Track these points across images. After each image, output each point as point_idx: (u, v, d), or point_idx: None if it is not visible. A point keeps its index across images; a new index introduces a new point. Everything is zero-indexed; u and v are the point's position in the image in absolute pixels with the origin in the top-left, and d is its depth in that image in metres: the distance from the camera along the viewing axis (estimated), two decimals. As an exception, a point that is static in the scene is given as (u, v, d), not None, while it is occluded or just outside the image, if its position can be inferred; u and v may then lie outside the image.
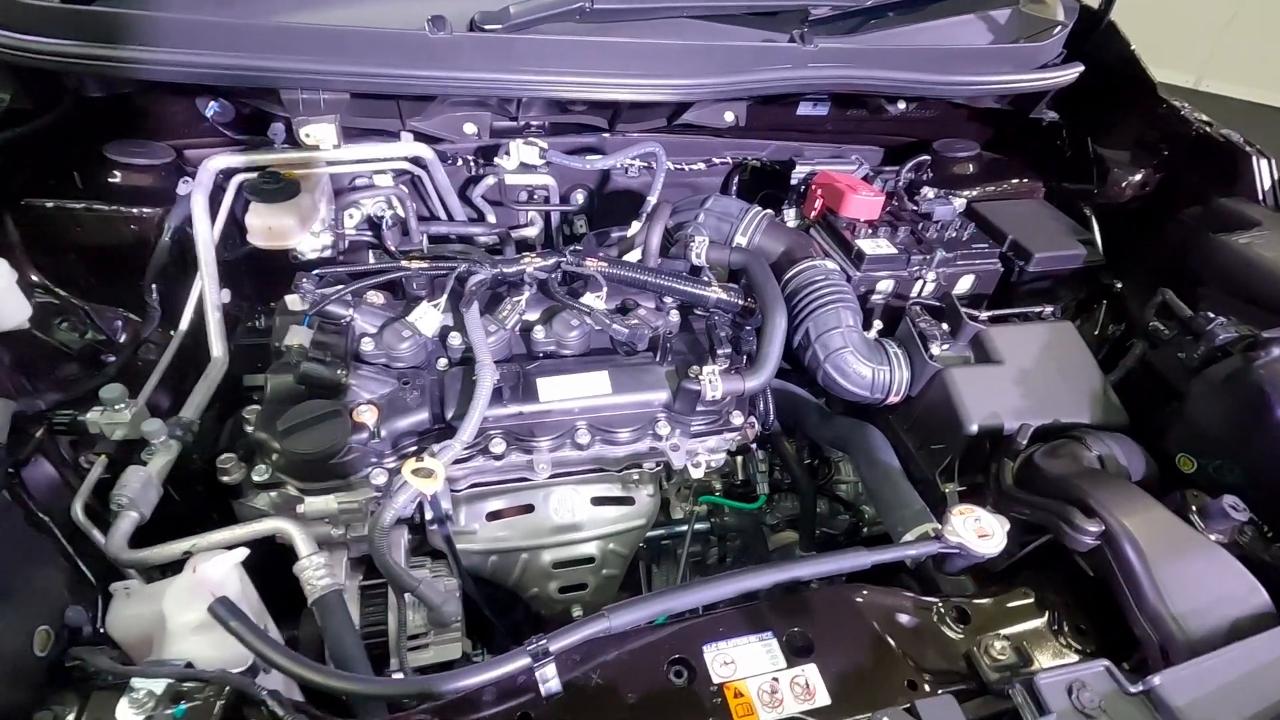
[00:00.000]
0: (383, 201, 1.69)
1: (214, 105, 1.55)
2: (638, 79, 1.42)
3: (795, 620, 0.93)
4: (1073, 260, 1.74)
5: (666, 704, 0.83)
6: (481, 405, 1.14)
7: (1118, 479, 1.12)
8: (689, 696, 0.84)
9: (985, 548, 1.00)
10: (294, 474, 1.13)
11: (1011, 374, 1.36)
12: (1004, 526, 1.03)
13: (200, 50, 1.21)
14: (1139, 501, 1.05)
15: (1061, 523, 1.03)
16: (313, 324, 1.25)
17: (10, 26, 1.24)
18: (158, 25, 1.21)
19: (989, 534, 1.01)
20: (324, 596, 0.98)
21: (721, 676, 0.87)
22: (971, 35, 1.90)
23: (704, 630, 0.90)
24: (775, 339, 1.30)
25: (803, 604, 0.96)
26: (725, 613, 0.94)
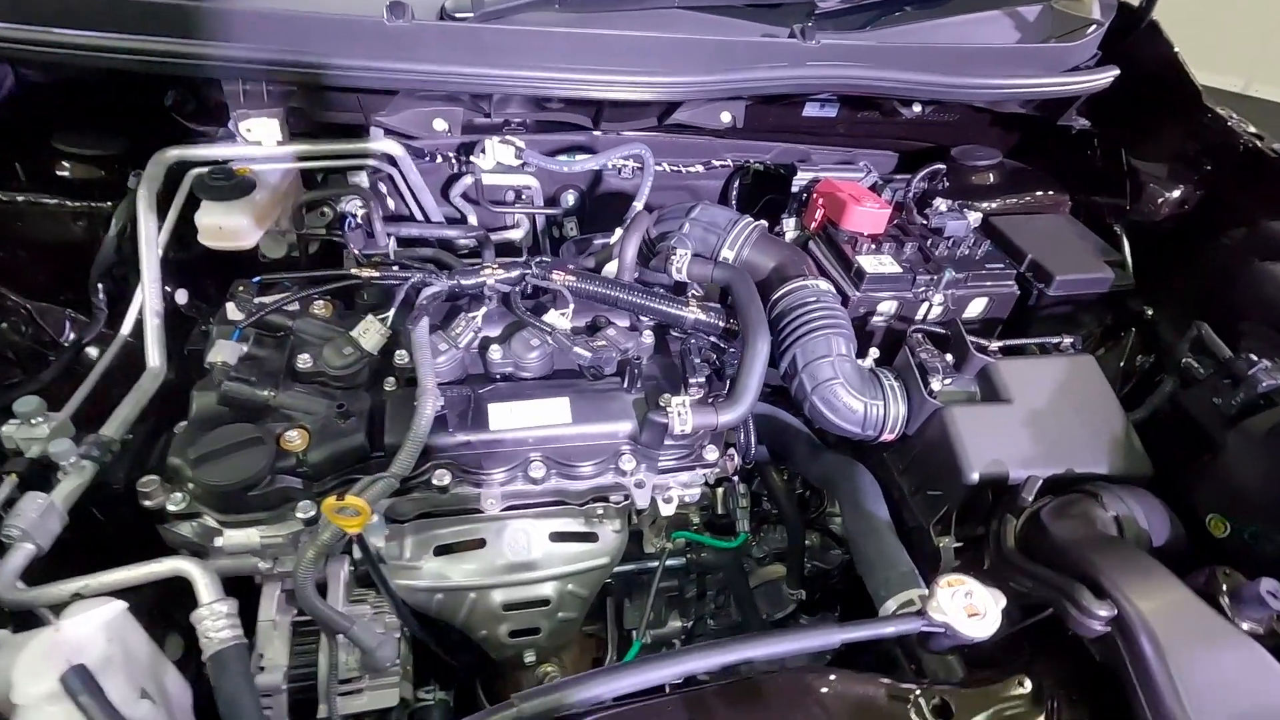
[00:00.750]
0: (356, 200, 1.59)
1: (172, 93, 1.45)
2: (617, 75, 1.29)
3: (745, 711, 0.80)
4: (1099, 284, 1.58)
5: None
6: (418, 436, 1.03)
7: (1135, 551, 0.97)
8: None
9: (975, 630, 0.86)
10: (211, 505, 1.03)
11: (1021, 415, 1.22)
12: (999, 603, 0.89)
13: (128, 34, 1.11)
14: (1159, 581, 0.90)
15: (1067, 602, 0.89)
16: (245, 336, 1.15)
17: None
18: (84, 6, 1.11)
19: (980, 613, 0.87)
20: (220, 652, 0.88)
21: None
22: (996, 33, 1.74)
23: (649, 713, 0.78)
24: (754, 369, 1.17)
25: (755, 690, 0.83)
26: (660, 701, 0.82)
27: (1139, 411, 1.39)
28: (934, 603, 0.88)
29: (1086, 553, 0.94)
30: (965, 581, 0.90)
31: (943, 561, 1.14)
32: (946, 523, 1.18)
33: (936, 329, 1.37)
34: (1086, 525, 1.02)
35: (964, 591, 0.89)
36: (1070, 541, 0.98)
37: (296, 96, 1.27)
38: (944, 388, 1.23)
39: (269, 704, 1.14)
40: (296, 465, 1.05)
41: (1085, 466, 1.18)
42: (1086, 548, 0.95)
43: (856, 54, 1.44)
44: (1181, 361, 1.37)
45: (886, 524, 1.14)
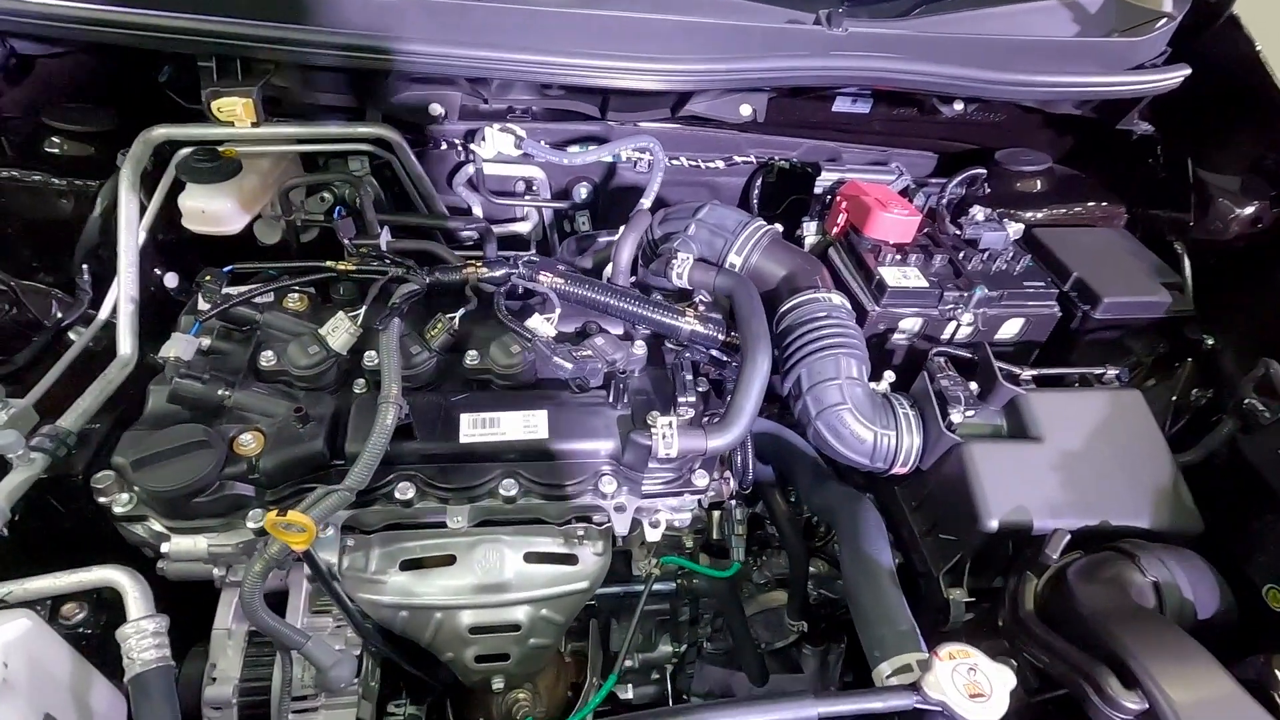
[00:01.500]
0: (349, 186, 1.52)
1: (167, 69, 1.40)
2: (620, 61, 1.19)
3: None
4: (1152, 308, 1.42)
5: None
6: (375, 448, 0.95)
7: (1173, 630, 0.84)
8: None
9: (976, 714, 0.74)
10: (156, 509, 0.97)
11: (1051, 456, 1.08)
12: (1007, 684, 0.77)
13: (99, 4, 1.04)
14: (1200, 669, 0.77)
15: (1088, 686, 0.76)
16: (209, 330, 1.08)
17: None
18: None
19: (985, 694, 0.76)
20: (141, 674, 0.81)
21: None
22: (1053, 24, 1.58)
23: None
24: (751, 391, 1.06)
25: None
26: None
27: (1191, 454, 1.24)
28: (931, 677, 0.77)
29: (1115, 627, 0.81)
30: (970, 654, 0.79)
31: (951, 617, 1.02)
32: (959, 572, 1.06)
33: (962, 353, 1.24)
34: (1118, 592, 0.89)
35: (967, 666, 0.77)
36: (1098, 612, 0.85)
37: (279, 75, 1.19)
38: (965, 420, 1.10)
39: (218, 718, 1.08)
40: (248, 471, 0.98)
41: (1123, 519, 1.04)
42: (1116, 621, 0.82)
43: (889, 44, 1.30)
44: (1244, 402, 1.21)
45: (888, 571, 1.02)
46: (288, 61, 1.13)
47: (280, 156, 1.45)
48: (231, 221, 1.33)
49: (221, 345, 1.09)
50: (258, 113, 1.14)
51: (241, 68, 1.14)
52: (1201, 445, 1.26)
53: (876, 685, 0.85)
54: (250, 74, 1.14)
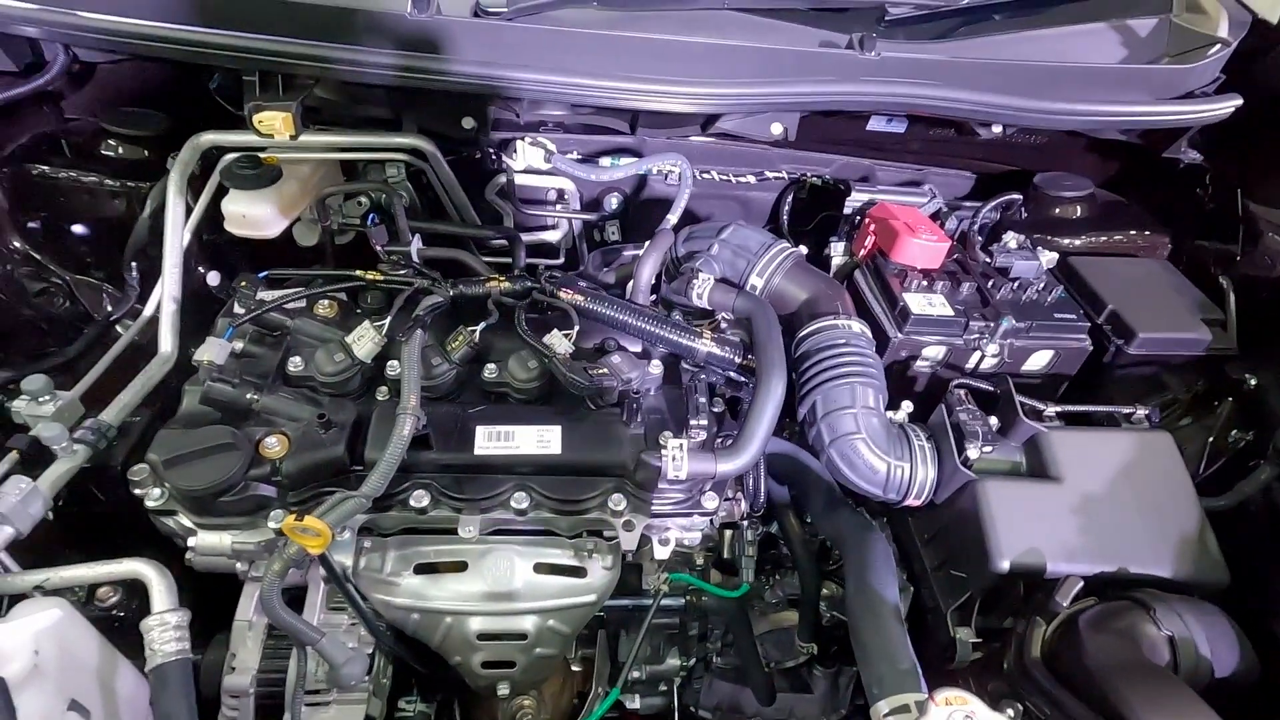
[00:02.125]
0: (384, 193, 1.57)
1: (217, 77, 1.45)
2: (648, 84, 1.20)
3: None
4: (1191, 345, 1.38)
5: None
6: (392, 457, 0.98)
7: (1185, 693, 0.81)
8: None
9: (970, 763, 0.74)
10: (184, 505, 1.02)
11: (1071, 498, 1.06)
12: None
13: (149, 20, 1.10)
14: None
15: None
16: (242, 334, 1.13)
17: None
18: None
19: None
20: (162, 666, 0.85)
21: None
22: (1100, 50, 1.54)
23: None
24: (764, 416, 1.06)
25: None
26: None
27: (1225, 498, 1.20)
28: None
29: (1122, 685, 0.79)
30: (968, 701, 0.78)
31: (957, 655, 1.01)
32: (967, 611, 1.04)
33: (983, 385, 1.22)
34: (1129, 646, 0.87)
35: (964, 714, 0.77)
36: (1105, 666, 0.83)
37: (320, 88, 1.23)
38: (982, 456, 1.08)
39: (236, 705, 1.13)
40: (271, 473, 1.02)
41: (1143, 567, 1.01)
42: (1123, 678, 0.80)
43: (924, 69, 1.29)
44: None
45: (893, 606, 1.01)
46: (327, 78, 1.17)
47: (320, 163, 1.49)
48: (270, 226, 1.38)
49: (253, 349, 1.14)
50: (296, 126, 1.18)
51: (283, 84, 1.18)
52: (1236, 490, 1.22)
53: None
54: (291, 89, 1.19)
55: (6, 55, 1.28)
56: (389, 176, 1.57)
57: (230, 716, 1.13)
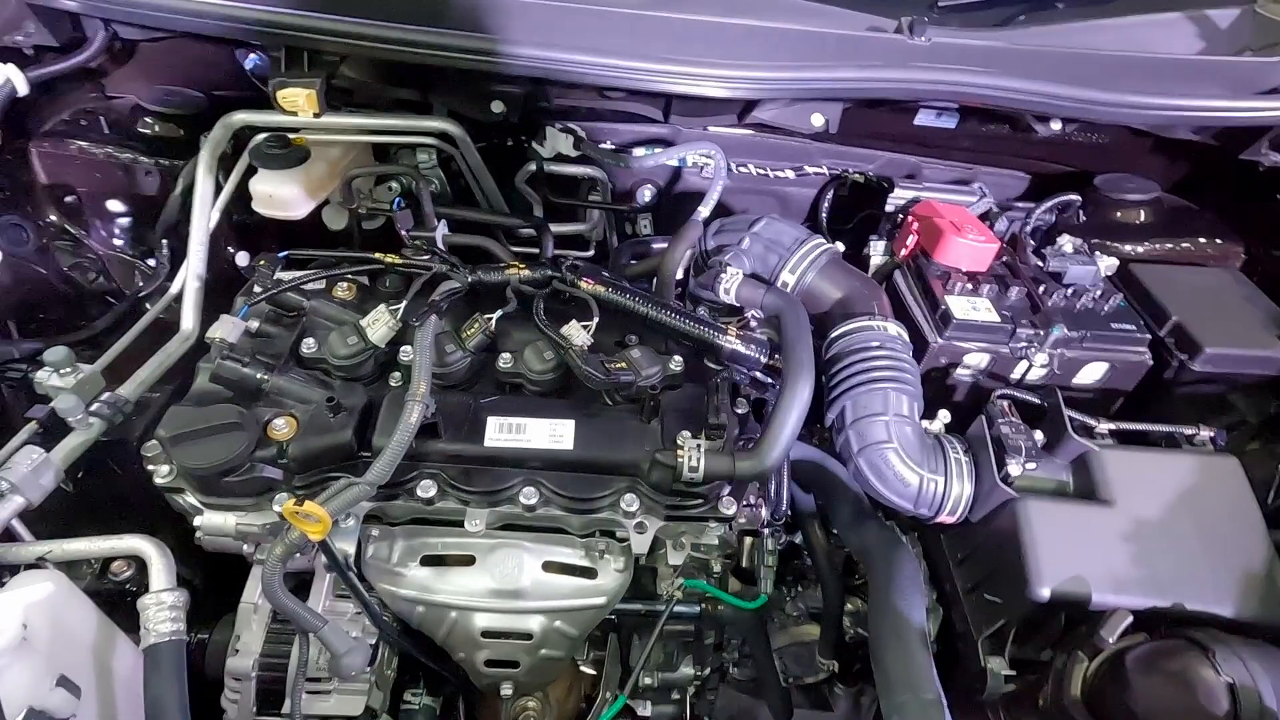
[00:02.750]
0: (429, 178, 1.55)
1: (254, 58, 1.45)
2: (681, 65, 1.14)
3: None
4: (1263, 364, 1.26)
5: None
6: (397, 445, 0.95)
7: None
8: None
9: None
10: (190, 484, 1.01)
11: (1122, 523, 0.97)
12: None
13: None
14: (1274, 799, 0.66)
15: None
16: (258, 313, 1.11)
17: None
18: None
19: (1007, 787, 0.68)
20: (156, 646, 0.84)
21: None
22: (1175, 40, 1.43)
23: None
24: (789, 419, 1.00)
25: None
26: None
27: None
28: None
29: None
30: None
31: (988, 687, 0.93)
32: (1001, 639, 0.97)
33: (1031, 398, 1.14)
34: (1183, 692, 0.78)
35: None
36: (1156, 712, 0.75)
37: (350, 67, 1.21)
38: (1024, 473, 1.00)
39: (237, 689, 1.12)
40: (278, 455, 1.00)
41: (1202, 604, 0.92)
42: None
43: (977, 57, 1.20)
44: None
45: (919, 631, 0.94)
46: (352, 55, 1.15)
47: (350, 146, 1.48)
48: (296, 207, 1.38)
49: (269, 329, 1.13)
50: (320, 104, 1.16)
51: (308, 60, 1.16)
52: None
53: (891, 757, 0.78)
54: (316, 66, 1.17)
55: (48, 30, 1.28)
56: (420, 162, 1.56)
57: (232, 699, 1.12)
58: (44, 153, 1.39)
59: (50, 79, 1.36)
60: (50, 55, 1.37)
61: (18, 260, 1.36)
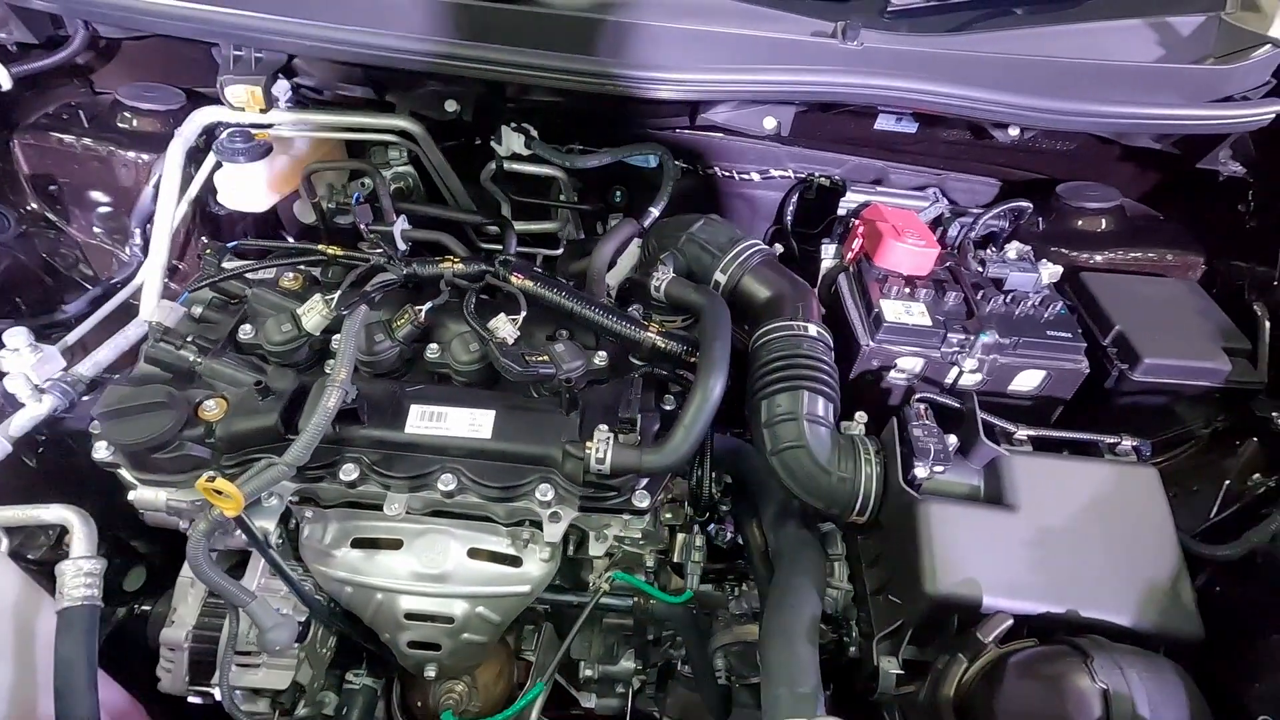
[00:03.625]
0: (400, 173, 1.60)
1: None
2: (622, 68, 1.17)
3: None
4: (1206, 375, 1.24)
5: None
6: (314, 427, 0.98)
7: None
8: None
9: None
10: (123, 459, 1.06)
11: (1024, 530, 0.97)
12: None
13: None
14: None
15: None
16: (200, 299, 1.16)
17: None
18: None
19: (847, 778, 0.69)
20: (69, 609, 0.89)
21: None
22: (1136, 48, 1.41)
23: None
24: (698, 415, 1.02)
25: None
26: None
27: (1230, 547, 1.08)
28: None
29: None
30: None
31: (879, 688, 0.93)
32: (898, 640, 0.97)
33: (951, 401, 1.13)
34: (1051, 696, 0.78)
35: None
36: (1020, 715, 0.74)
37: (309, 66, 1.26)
38: (932, 475, 1.00)
39: (171, 659, 1.17)
40: (205, 435, 1.04)
41: (1100, 612, 0.91)
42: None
43: (910, 62, 1.21)
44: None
45: (806, 628, 0.95)
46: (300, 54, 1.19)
47: (320, 143, 1.53)
48: (258, 200, 1.43)
49: (211, 315, 1.18)
50: (267, 100, 1.21)
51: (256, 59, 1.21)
52: (1244, 540, 1.09)
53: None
54: (264, 65, 1.22)
55: (29, 29, 1.36)
56: (390, 159, 1.60)
57: (166, 668, 1.17)
58: (26, 144, 1.46)
59: (34, 75, 1.43)
60: (36, 52, 1.45)
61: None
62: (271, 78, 1.22)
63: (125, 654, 1.27)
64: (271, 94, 1.22)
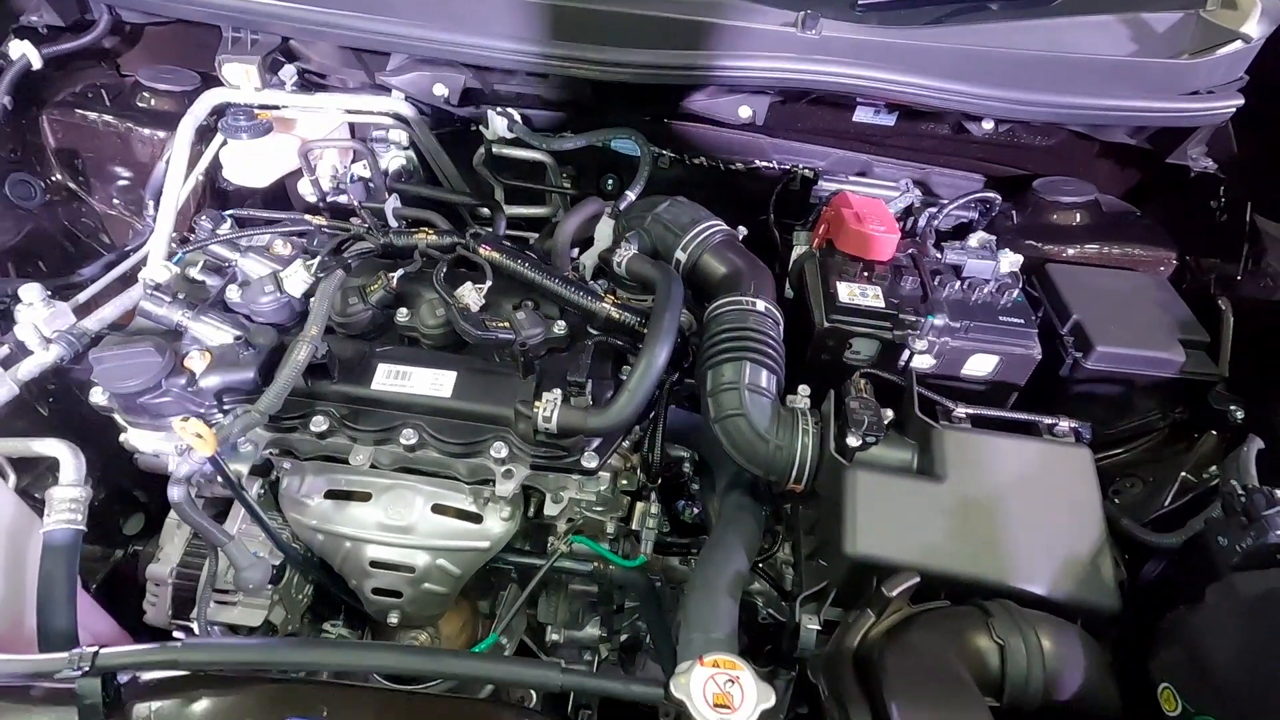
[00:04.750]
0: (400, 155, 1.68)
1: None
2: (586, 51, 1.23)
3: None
4: (1160, 365, 1.26)
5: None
6: (284, 377, 1.06)
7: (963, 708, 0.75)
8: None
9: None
10: (116, 404, 1.15)
11: (947, 499, 1.00)
12: (764, 702, 0.74)
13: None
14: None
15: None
16: (193, 261, 1.26)
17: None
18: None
19: (731, 707, 0.73)
20: (52, 532, 0.98)
21: (279, 764, 0.71)
22: (1109, 44, 1.42)
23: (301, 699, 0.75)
24: (643, 380, 1.07)
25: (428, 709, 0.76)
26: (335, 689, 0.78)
27: (1174, 536, 1.09)
28: (683, 679, 0.75)
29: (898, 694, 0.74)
30: (739, 667, 0.77)
31: (800, 644, 0.97)
32: (822, 601, 1.01)
33: (892, 378, 1.17)
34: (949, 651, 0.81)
35: (727, 678, 0.75)
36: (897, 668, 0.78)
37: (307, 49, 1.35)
38: (865, 444, 1.04)
39: (156, 593, 1.26)
40: (188, 384, 1.13)
41: (1019, 580, 0.94)
42: (902, 686, 0.75)
43: (870, 51, 1.24)
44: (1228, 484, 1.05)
45: (729, 580, 0.99)
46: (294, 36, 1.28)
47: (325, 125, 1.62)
48: (259, 176, 1.53)
49: (203, 277, 1.27)
50: (262, 78, 1.30)
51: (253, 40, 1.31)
52: (1187, 528, 1.10)
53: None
54: (259, 46, 1.31)
55: (57, 12, 1.48)
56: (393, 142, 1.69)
57: (152, 602, 1.27)
58: (54, 120, 1.58)
59: (61, 56, 1.55)
60: (65, 35, 1.57)
61: (25, 212, 1.55)
62: (266, 58, 1.31)
63: (123, 593, 1.37)
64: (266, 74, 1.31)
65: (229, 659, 0.77)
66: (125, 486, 1.51)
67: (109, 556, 1.45)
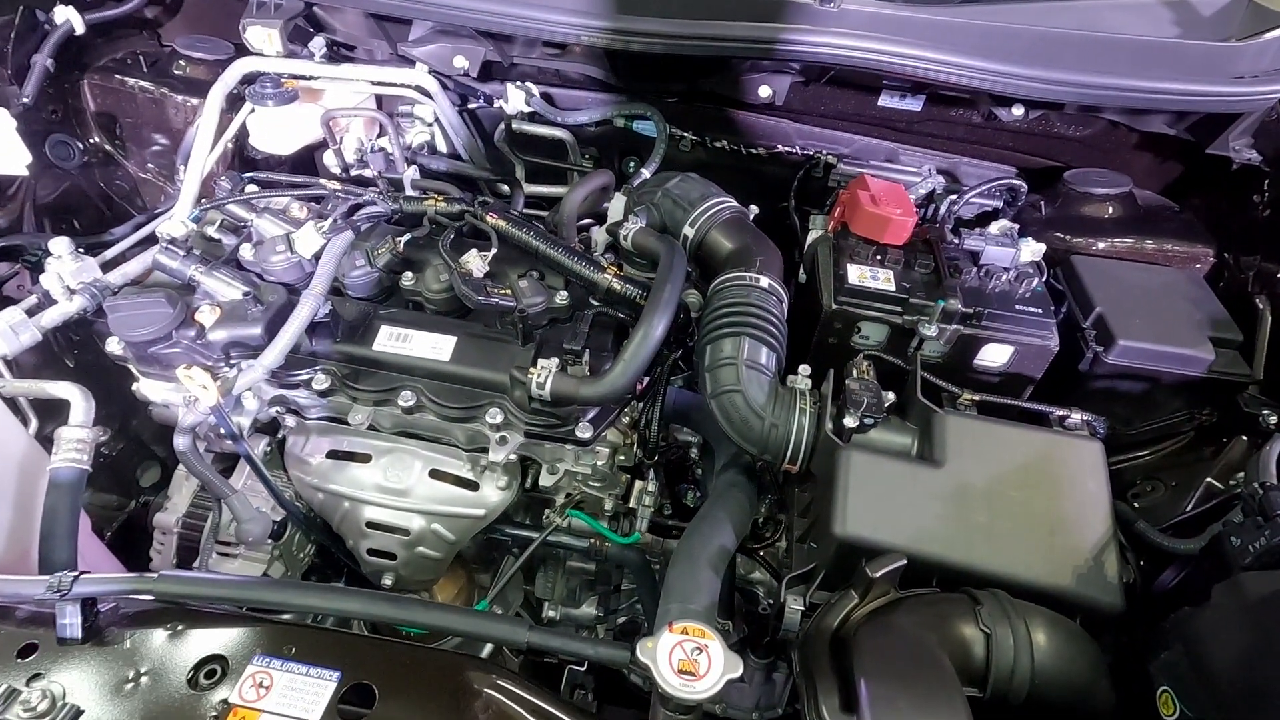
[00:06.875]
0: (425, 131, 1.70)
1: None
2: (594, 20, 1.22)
3: (377, 672, 0.74)
4: (1186, 363, 1.20)
5: (169, 703, 0.71)
6: (288, 332, 1.08)
7: (939, 678, 0.72)
8: (191, 703, 0.71)
9: (677, 688, 0.71)
10: (129, 352, 1.18)
11: (946, 485, 0.96)
12: (728, 673, 0.72)
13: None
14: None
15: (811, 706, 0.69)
16: (211, 220, 1.29)
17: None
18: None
19: (696, 674, 0.72)
20: (57, 469, 1.01)
21: (244, 700, 0.72)
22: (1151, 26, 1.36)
23: (269, 638, 0.76)
24: (639, 351, 1.06)
25: (399, 656, 0.76)
26: (305, 629, 0.78)
27: (1194, 541, 1.04)
28: (650, 643, 0.74)
29: (870, 673, 0.72)
30: (709, 636, 0.75)
31: (784, 624, 0.95)
32: (809, 582, 0.98)
33: (897, 361, 1.13)
34: (919, 637, 0.78)
35: (695, 645, 0.74)
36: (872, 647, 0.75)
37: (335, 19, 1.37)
38: (862, 425, 1.01)
39: (163, 541, 1.30)
40: (197, 337, 1.16)
41: (1014, 570, 0.90)
42: (875, 666, 0.73)
43: (891, 26, 1.21)
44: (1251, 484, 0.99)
45: (713, 554, 0.97)
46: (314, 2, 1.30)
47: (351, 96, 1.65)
48: (285, 143, 1.56)
49: (220, 235, 1.29)
50: (283, 42, 1.32)
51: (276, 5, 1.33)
52: (1207, 533, 1.05)
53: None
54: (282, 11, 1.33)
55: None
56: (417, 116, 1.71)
57: (158, 549, 1.30)
58: (94, 84, 1.64)
59: (104, 22, 1.61)
60: (109, 3, 1.63)
61: (62, 171, 1.61)
62: (288, 23, 1.33)
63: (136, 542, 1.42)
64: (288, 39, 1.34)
65: (203, 593, 0.78)
66: (144, 439, 1.56)
67: (124, 506, 1.49)
